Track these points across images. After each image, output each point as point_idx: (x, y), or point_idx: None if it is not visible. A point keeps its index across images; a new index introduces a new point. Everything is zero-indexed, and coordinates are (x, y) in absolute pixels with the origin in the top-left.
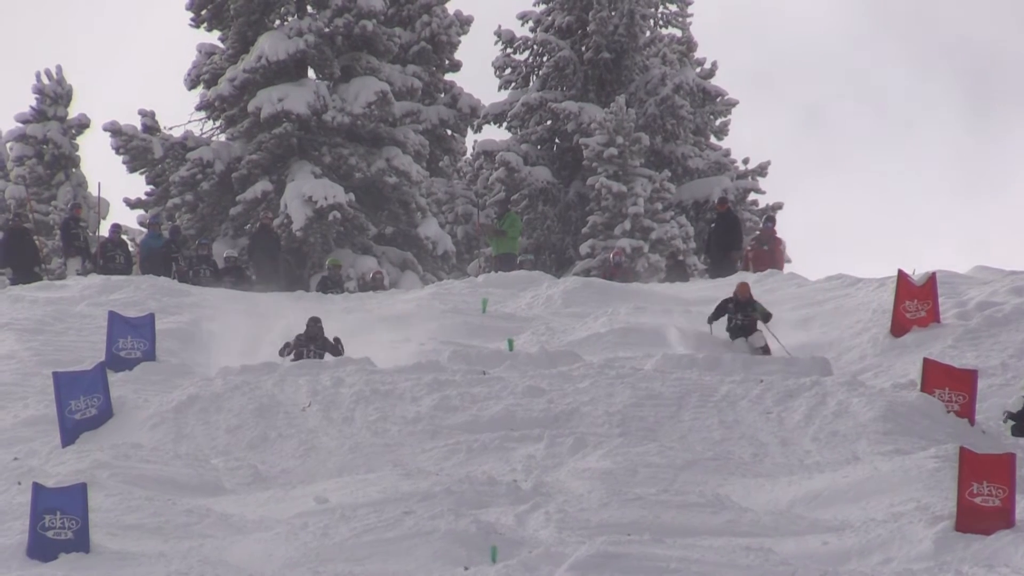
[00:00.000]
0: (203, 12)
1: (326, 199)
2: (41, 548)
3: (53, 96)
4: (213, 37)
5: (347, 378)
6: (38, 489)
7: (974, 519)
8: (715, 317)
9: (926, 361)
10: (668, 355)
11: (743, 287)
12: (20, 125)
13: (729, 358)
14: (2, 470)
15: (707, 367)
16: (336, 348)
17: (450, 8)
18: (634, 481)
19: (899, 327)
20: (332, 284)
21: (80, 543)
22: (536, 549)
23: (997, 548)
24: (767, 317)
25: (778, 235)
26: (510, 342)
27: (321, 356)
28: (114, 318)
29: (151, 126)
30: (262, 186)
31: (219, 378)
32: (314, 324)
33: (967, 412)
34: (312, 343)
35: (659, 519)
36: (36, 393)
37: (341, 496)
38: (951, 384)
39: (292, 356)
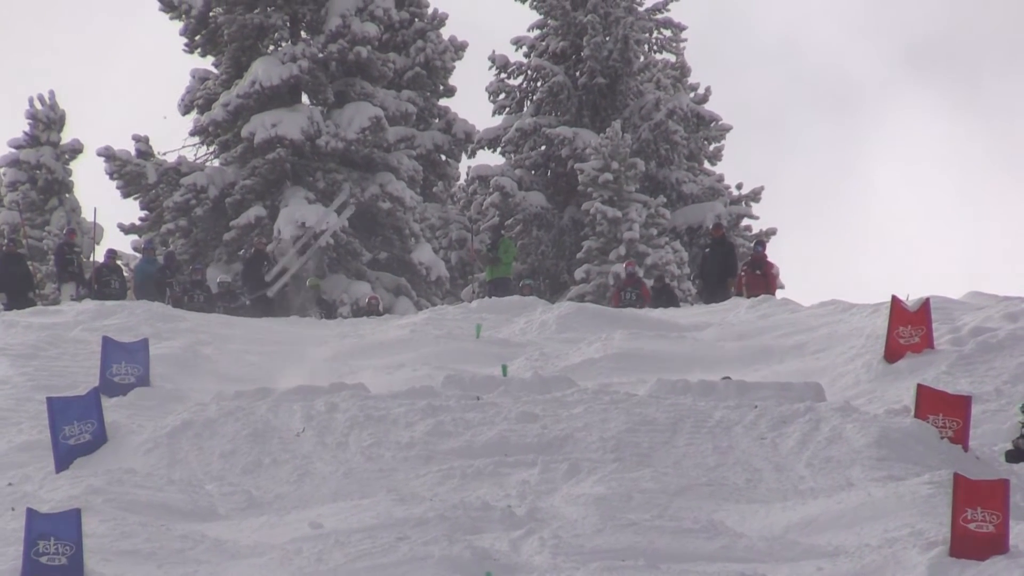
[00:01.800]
0: (197, 38)
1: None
2: (35, 574)
3: (46, 121)
4: (207, 62)
5: (341, 403)
6: (32, 515)
7: (968, 545)
8: None
9: (920, 387)
10: (662, 381)
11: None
12: (13, 150)
13: (723, 384)
14: None
15: (701, 393)
16: None
17: (445, 34)
18: (628, 507)
19: (893, 353)
20: (313, 305)
21: (74, 569)
22: (531, 575)
23: (991, 574)
24: None
25: (769, 259)
26: (504, 368)
27: None
28: (108, 343)
29: (145, 151)
30: (255, 211)
31: (213, 403)
32: None
33: (961, 438)
34: None
35: (653, 545)
36: (30, 418)
37: (335, 521)
38: (945, 410)
39: None
